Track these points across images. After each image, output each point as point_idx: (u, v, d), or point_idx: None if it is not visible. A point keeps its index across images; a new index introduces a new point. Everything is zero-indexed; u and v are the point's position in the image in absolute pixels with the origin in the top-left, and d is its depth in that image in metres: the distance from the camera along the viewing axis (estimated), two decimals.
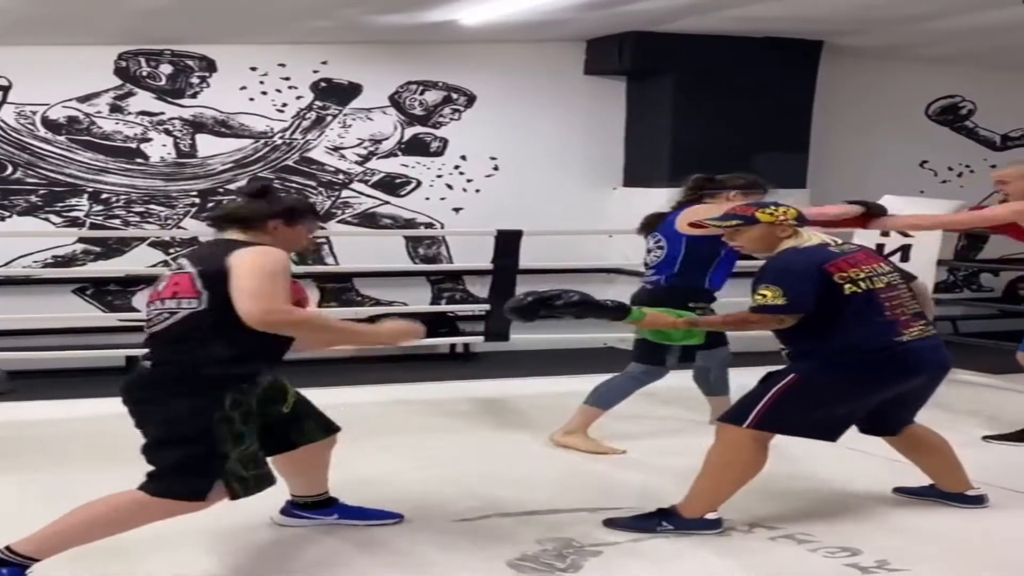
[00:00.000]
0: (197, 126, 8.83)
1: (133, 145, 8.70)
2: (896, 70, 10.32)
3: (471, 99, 9.47)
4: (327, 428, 4.18)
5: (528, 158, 9.59)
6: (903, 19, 8.45)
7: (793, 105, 9.61)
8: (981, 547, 4.29)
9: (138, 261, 8.65)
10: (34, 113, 8.46)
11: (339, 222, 9.19)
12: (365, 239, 9.24)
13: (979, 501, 4.64)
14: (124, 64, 8.62)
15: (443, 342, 8.88)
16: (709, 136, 9.20)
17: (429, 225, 9.42)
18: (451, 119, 9.44)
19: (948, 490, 4.64)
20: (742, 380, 4.71)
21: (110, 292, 8.68)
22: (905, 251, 7.53)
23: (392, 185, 9.34)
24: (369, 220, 9.28)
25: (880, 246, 7.58)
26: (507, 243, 7.72)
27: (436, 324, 8.58)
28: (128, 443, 3.71)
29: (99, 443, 5.59)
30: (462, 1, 7.70)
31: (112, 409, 6.91)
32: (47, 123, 8.50)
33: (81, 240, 8.62)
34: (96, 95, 8.59)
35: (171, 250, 8.73)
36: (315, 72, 9.05)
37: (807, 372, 4.20)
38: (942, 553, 4.16)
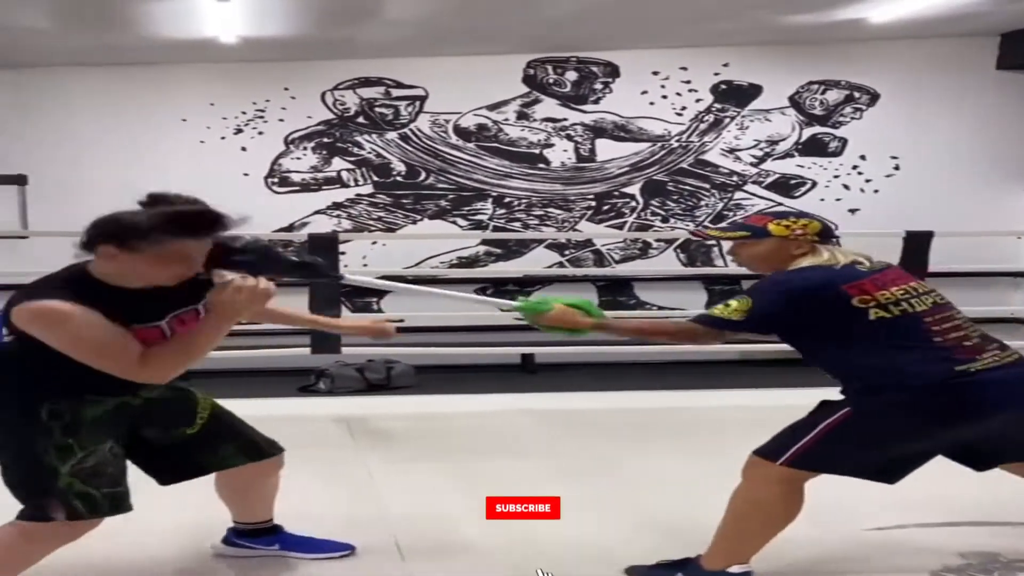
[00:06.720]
0: (597, 131, 9.07)
1: (536, 151, 9.05)
2: None
3: (874, 97, 9.18)
4: (254, 453, 3.67)
5: (932, 157, 9.18)
6: None
7: None
8: None
9: (536, 262, 9.00)
10: (447, 122, 8.97)
11: None
12: None
13: None
14: (532, 72, 8.97)
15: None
16: None
17: None
18: (852, 118, 9.19)
19: None
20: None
21: (509, 292, 8.91)
22: None
23: (787, 186, 9.21)
24: None
25: None
26: (917, 245, 7.41)
27: None
28: (531, 438, 3.82)
29: (497, 435, 5.90)
30: None
31: (512, 404, 7.24)
32: (458, 131, 8.98)
33: (484, 242, 9.07)
34: (504, 103, 8.99)
35: (566, 252, 9.03)
36: (716, 74, 9.07)
37: (860, 407, 3.47)
38: None
